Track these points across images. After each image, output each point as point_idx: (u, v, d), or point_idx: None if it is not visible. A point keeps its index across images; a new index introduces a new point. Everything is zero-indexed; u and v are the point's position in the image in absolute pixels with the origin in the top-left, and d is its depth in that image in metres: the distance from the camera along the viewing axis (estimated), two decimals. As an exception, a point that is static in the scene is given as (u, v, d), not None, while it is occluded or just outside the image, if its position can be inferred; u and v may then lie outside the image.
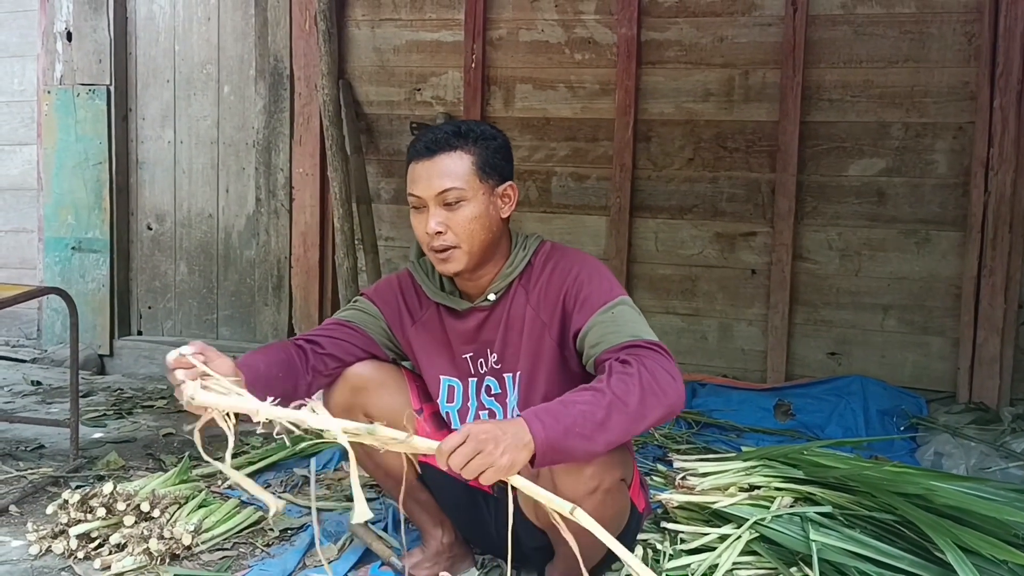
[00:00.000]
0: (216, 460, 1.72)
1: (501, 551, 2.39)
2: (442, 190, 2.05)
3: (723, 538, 2.39)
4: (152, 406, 4.14)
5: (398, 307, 2.27)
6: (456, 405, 2.23)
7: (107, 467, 3.23)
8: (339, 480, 3.14)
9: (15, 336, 5.21)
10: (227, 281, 4.89)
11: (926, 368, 3.93)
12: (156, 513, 2.61)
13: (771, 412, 3.84)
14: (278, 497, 2.97)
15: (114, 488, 2.63)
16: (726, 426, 3.73)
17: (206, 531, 2.59)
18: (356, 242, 4.34)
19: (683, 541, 2.44)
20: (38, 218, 5.07)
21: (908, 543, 2.27)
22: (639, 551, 2.36)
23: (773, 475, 2.60)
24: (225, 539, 2.63)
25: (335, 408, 2.20)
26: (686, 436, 3.58)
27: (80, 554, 2.48)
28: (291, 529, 2.72)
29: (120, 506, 2.60)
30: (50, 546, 2.52)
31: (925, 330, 3.92)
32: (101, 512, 2.58)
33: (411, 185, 2.10)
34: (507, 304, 2.17)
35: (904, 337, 3.95)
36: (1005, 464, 3.23)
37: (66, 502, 2.62)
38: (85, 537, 2.52)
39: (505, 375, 2.18)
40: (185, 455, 3.16)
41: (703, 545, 2.40)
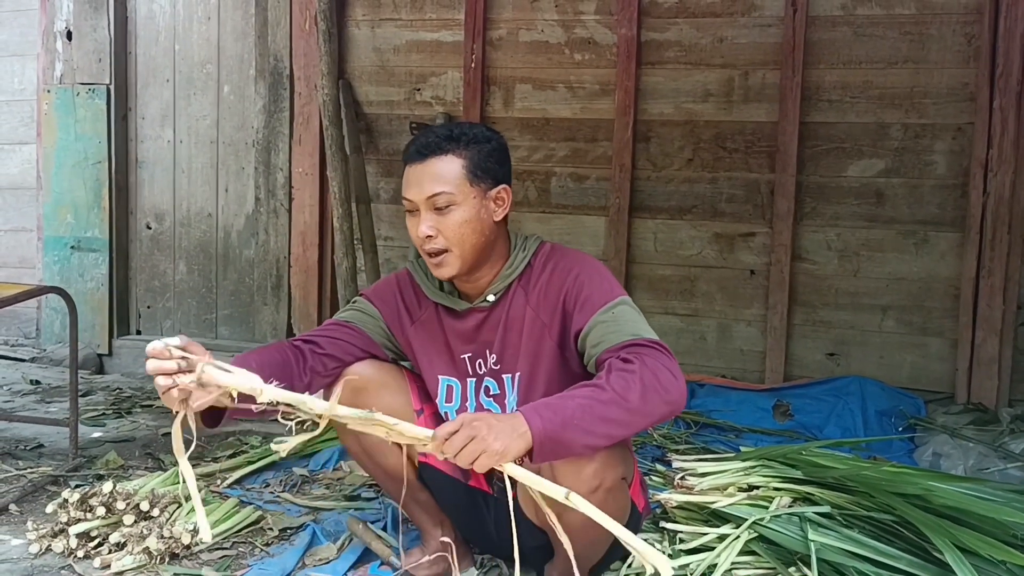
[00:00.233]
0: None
1: (500, 551, 2.40)
2: (432, 194, 2.05)
3: (722, 538, 2.39)
4: (151, 405, 4.14)
5: (397, 307, 2.27)
6: (455, 405, 2.23)
7: (106, 466, 3.23)
8: (338, 479, 3.14)
9: (14, 335, 5.21)
10: (226, 280, 4.90)
11: (924, 369, 3.93)
12: (155, 512, 2.61)
13: (770, 412, 3.85)
14: (277, 496, 2.99)
15: (113, 487, 2.64)
16: (725, 426, 3.73)
17: (205, 530, 2.59)
18: (355, 242, 4.34)
19: (682, 541, 2.44)
20: (37, 217, 5.07)
21: (906, 543, 2.27)
22: (638, 551, 2.36)
23: (772, 475, 2.60)
24: (224, 538, 2.63)
25: (335, 408, 2.20)
26: (685, 436, 3.58)
27: (80, 553, 2.48)
28: (290, 529, 2.73)
29: (119, 505, 2.60)
30: (50, 545, 2.52)
31: (924, 331, 3.93)
32: (101, 511, 2.58)
33: (404, 188, 2.11)
34: (506, 305, 2.17)
35: (903, 338, 3.95)
36: (1003, 465, 3.23)
37: (66, 501, 2.62)
38: (85, 536, 2.52)
39: (504, 376, 2.18)
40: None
41: (702, 545, 2.40)
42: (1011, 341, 3.79)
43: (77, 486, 2.86)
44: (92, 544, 2.52)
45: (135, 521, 2.58)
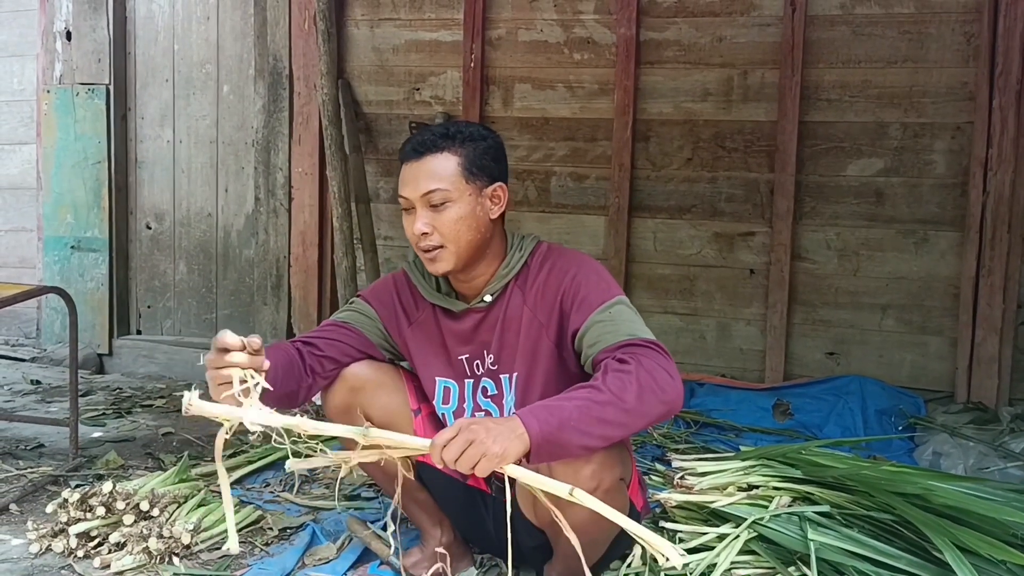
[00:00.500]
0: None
1: (500, 550, 2.39)
2: (427, 191, 2.06)
3: (721, 537, 2.40)
4: (151, 405, 4.15)
5: (394, 308, 2.28)
6: (452, 407, 2.23)
7: (106, 466, 3.23)
8: (338, 480, 3.14)
9: (14, 335, 5.21)
10: (226, 280, 4.90)
11: (924, 368, 3.93)
12: (155, 512, 2.61)
13: (769, 412, 3.85)
14: (277, 496, 2.99)
15: (113, 487, 2.64)
16: (724, 426, 3.73)
17: (205, 530, 2.59)
18: (355, 241, 4.34)
19: (681, 540, 2.44)
20: (37, 217, 5.07)
21: (906, 543, 2.27)
22: (637, 550, 2.36)
23: (771, 475, 2.60)
24: (224, 538, 2.62)
25: (334, 408, 2.21)
26: (684, 436, 3.59)
27: (80, 553, 2.49)
28: (290, 528, 2.73)
29: (119, 505, 2.60)
30: (50, 544, 2.53)
31: (923, 330, 3.93)
32: (101, 511, 2.58)
33: (400, 186, 2.12)
34: (503, 305, 2.17)
35: (902, 337, 3.95)
36: (1003, 464, 3.23)
37: (66, 501, 2.62)
38: (85, 536, 2.53)
39: (502, 376, 2.18)
40: (184, 454, 3.17)
41: (701, 544, 2.40)
42: (1011, 340, 3.79)
43: (77, 486, 2.86)
44: (92, 544, 2.52)
45: (135, 521, 2.58)
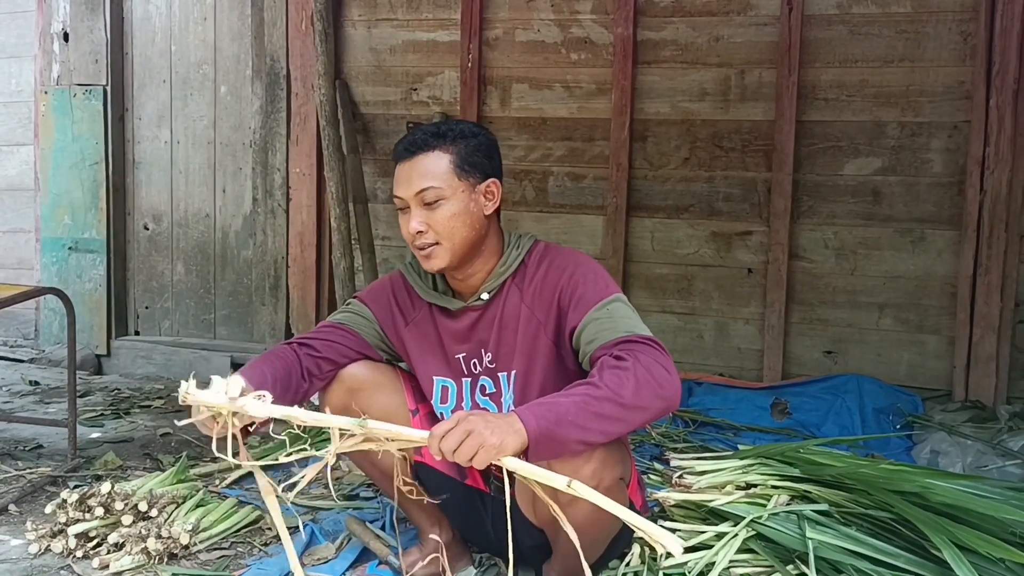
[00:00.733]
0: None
1: (498, 550, 2.40)
2: (420, 189, 2.07)
3: (720, 536, 2.40)
4: (149, 406, 4.14)
5: (390, 309, 2.28)
6: (450, 405, 2.24)
7: (105, 467, 3.23)
8: (337, 479, 3.14)
9: (13, 336, 5.21)
10: (224, 281, 4.89)
11: (922, 366, 3.93)
12: (154, 512, 2.62)
13: (768, 411, 3.85)
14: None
15: (112, 488, 2.64)
16: (723, 425, 3.73)
17: (204, 530, 2.59)
18: (353, 242, 4.34)
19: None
20: (35, 218, 5.07)
21: (904, 541, 2.28)
22: (636, 549, 2.36)
23: (770, 473, 2.60)
24: (223, 538, 2.63)
25: (331, 409, 2.21)
26: (683, 435, 3.58)
27: (79, 553, 2.49)
28: (289, 528, 2.72)
29: (118, 505, 2.60)
30: (49, 545, 2.53)
31: (921, 328, 3.93)
32: (99, 511, 2.58)
33: (394, 186, 2.13)
34: (501, 303, 2.17)
35: (900, 335, 3.95)
36: (1001, 462, 3.23)
37: (64, 501, 2.62)
38: (84, 536, 2.53)
39: (500, 374, 2.18)
40: (182, 455, 3.17)
41: (700, 543, 2.41)
42: (1009, 338, 3.79)
43: (76, 487, 2.86)
44: (91, 544, 2.52)
45: (133, 521, 2.58)
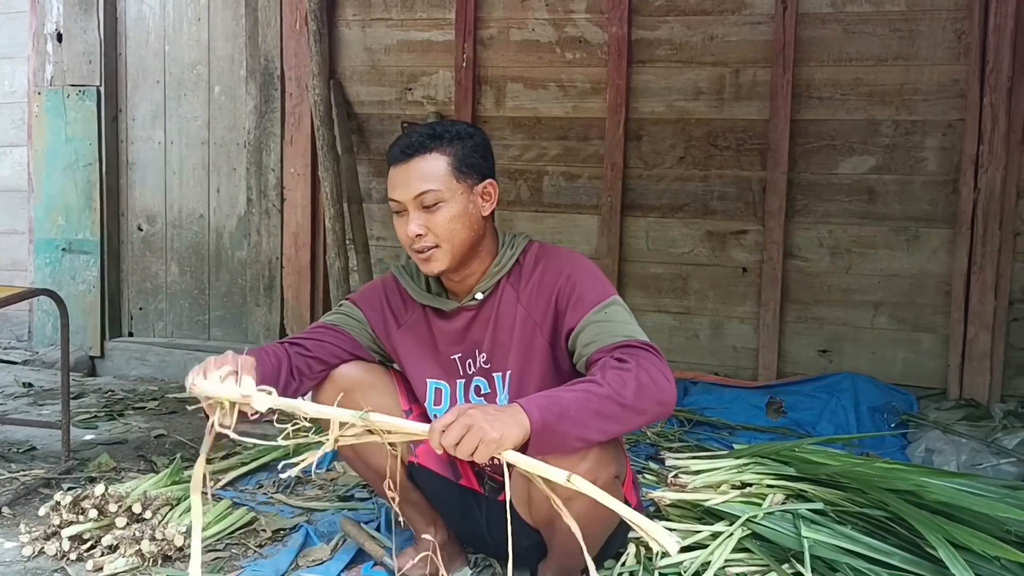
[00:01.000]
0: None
1: (493, 550, 2.40)
2: (419, 193, 2.06)
3: (715, 536, 2.40)
4: (143, 408, 4.13)
5: (383, 311, 2.28)
6: (443, 407, 2.23)
7: (99, 469, 3.22)
8: (332, 480, 3.14)
9: (6, 338, 5.19)
10: (218, 282, 4.89)
11: (917, 365, 3.94)
12: (148, 514, 2.61)
13: (763, 410, 3.85)
14: (270, 498, 2.98)
15: (106, 490, 2.63)
16: (718, 424, 3.73)
17: (198, 532, 2.58)
18: (347, 242, 4.34)
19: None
20: (29, 220, 5.06)
21: (899, 539, 2.28)
22: (631, 549, 2.36)
23: (765, 472, 2.60)
24: (217, 540, 2.62)
25: (324, 410, 2.21)
26: (678, 434, 3.58)
27: (72, 555, 2.48)
28: (283, 530, 2.72)
29: (112, 508, 2.60)
30: (43, 547, 2.52)
31: (915, 327, 3.93)
32: (93, 514, 2.57)
33: (390, 190, 2.11)
34: (495, 303, 2.17)
35: (895, 334, 3.96)
36: (996, 460, 3.24)
37: (58, 504, 2.61)
38: (77, 539, 2.52)
39: (494, 374, 2.18)
40: (176, 456, 3.16)
41: (695, 543, 2.41)
42: (1003, 336, 3.80)
43: (69, 489, 2.85)
44: (85, 547, 2.51)
45: (127, 523, 2.57)
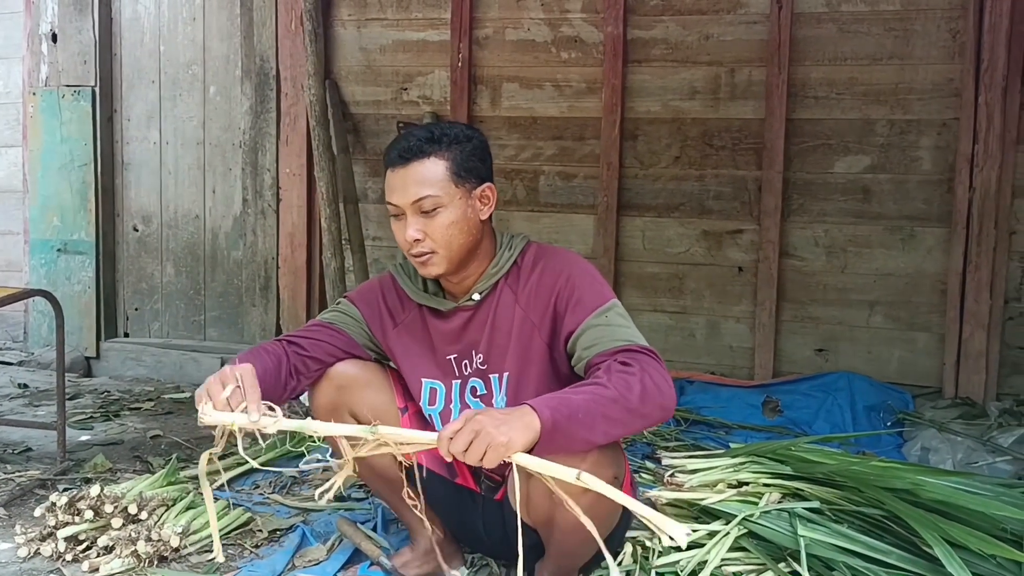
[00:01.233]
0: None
1: (490, 549, 2.39)
2: (418, 198, 2.05)
3: (712, 535, 2.40)
4: (139, 408, 4.13)
5: (379, 310, 2.27)
6: (438, 408, 2.23)
7: (94, 469, 3.21)
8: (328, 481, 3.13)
9: (1, 339, 5.18)
10: (214, 282, 4.88)
11: (912, 364, 3.94)
12: (144, 515, 2.60)
13: (759, 409, 3.85)
14: (266, 498, 2.98)
15: (101, 490, 2.62)
16: (714, 423, 3.74)
17: (194, 533, 2.58)
18: (343, 242, 4.33)
19: (671, 538, 2.44)
20: (24, 220, 5.05)
21: (896, 538, 2.28)
22: (628, 548, 2.36)
23: (761, 471, 2.61)
24: (213, 540, 2.61)
25: (320, 407, 2.21)
26: (674, 433, 3.58)
27: (68, 556, 2.47)
28: (280, 530, 2.72)
29: (107, 508, 2.59)
30: (38, 549, 2.51)
31: (911, 326, 3.94)
32: (89, 514, 2.57)
33: (388, 193, 2.11)
34: (493, 304, 2.17)
35: (890, 333, 3.96)
36: (992, 459, 3.24)
37: (54, 505, 2.60)
38: (73, 539, 2.51)
39: (491, 376, 2.18)
40: (172, 457, 3.15)
41: (692, 542, 2.40)
42: (998, 335, 3.80)
43: (65, 490, 2.85)
44: (80, 548, 2.51)
45: (123, 524, 2.57)
